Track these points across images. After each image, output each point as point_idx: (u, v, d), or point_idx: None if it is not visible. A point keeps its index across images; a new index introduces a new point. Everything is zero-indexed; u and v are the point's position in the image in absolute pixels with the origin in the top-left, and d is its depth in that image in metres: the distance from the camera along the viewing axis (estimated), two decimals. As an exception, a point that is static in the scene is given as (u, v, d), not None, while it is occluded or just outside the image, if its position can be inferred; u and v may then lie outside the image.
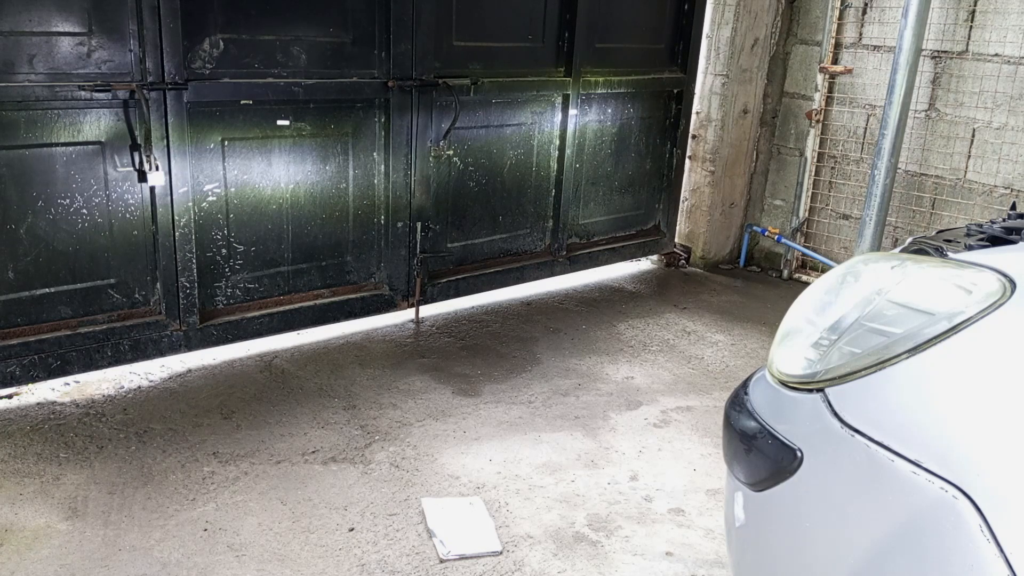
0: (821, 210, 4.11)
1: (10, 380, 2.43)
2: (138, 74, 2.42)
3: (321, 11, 2.73)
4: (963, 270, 0.98)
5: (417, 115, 3.00)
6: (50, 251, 2.42)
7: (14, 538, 1.94)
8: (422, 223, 3.13)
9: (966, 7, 3.48)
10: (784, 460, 1.03)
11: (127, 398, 2.62)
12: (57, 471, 2.21)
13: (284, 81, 2.69)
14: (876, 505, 0.90)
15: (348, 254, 3.04)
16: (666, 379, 2.97)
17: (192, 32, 2.49)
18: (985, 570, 0.79)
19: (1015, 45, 3.35)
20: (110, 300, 2.56)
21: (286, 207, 2.83)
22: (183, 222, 2.59)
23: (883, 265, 1.13)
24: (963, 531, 0.81)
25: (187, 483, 2.19)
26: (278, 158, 2.77)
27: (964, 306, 0.91)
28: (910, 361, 0.91)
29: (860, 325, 1.04)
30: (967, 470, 0.82)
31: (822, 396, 1.00)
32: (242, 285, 2.81)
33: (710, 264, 4.29)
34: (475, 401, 2.74)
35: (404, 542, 2.01)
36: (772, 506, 1.07)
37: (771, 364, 1.16)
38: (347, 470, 2.30)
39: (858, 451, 0.92)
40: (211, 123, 2.60)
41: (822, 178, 4.08)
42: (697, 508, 2.21)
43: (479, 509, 2.14)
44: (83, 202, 2.43)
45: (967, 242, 1.15)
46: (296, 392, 2.73)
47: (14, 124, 2.28)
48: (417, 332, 3.26)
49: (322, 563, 1.92)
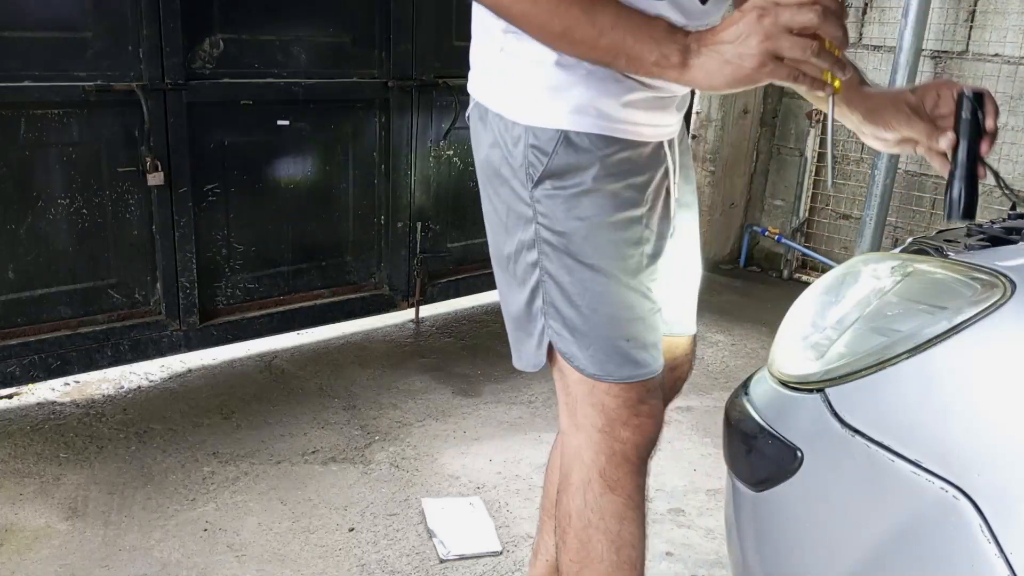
0: (821, 210, 4.11)
1: (10, 380, 2.43)
2: (138, 74, 2.42)
3: (321, 11, 2.73)
4: (963, 270, 0.98)
5: (417, 115, 3.00)
6: (50, 251, 2.42)
7: (14, 538, 1.94)
8: (422, 223, 3.13)
9: (966, 7, 3.48)
10: (784, 460, 1.03)
11: (127, 398, 2.62)
12: (57, 471, 2.21)
13: (284, 81, 2.69)
14: (876, 505, 0.90)
15: (348, 254, 3.04)
16: (666, 379, 2.97)
17: (192, 32, 2.49)
18: (985, 570, 0.79)
19: (1015, 45, 3.35)
20: (110, 300, 2.56)
21: (286, 207, 2.83)
22: (183, 222, 2.59)
23: (883, 265, 1.13)
24: (963, 531, 0.81)
25: (187, 483, 2.19)
26: (278, 158, 2.77)
27: (964, 306, 0.91)
28: (910, 361, 0.91)
29: (860, 325, 1.04)
30: (967, 470, 0.82)
31: (822, 396, 1.00)
32: (242, 285, 2.81)
33: (710, 264, 4.30)
34: (475, 401, 2.74)
35: (404, 542, 2.01)
36: (772, 506, 1.07)
37: (771, 364, 1.16)
38: (347, 470, 2.30)
39: (858, 451, 0.92)
40: (211, 123, 2.60)
41: (822, 178, 4.08)
42: (697, 508, 2.21)
43: (479, 509, 2.14)
44: (83, 202, 2.43)
45: (967, 242, 1.15)
46: (296, 392, 2.73)
47: (14, 124, 2.28)
48: (417, 332, 3.26)
49: (322, 563, 1.92)
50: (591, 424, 1.24)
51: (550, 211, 1.19)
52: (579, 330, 1.21)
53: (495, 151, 1.25)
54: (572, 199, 1.18)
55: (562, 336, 1.22)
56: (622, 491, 1.26)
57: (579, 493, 1.27)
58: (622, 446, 1.24)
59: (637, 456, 1.26)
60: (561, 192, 1.19)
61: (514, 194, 1.23)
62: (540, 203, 1.20)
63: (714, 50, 1.01)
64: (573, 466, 1.28)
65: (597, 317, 1.20)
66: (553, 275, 1.21)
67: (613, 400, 1.22)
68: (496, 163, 1.25)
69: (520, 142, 1.20)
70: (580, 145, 1.18)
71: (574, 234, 1.19)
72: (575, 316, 1.21)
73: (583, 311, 1.20)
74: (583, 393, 1.24)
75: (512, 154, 1.21)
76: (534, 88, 1.18)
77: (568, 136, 1.17)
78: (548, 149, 1.18)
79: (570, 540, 1.29)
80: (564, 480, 1.30)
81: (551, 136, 1.18)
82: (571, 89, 1.15)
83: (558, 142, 1.18)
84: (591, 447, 1.25)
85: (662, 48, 1.02)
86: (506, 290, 1.31)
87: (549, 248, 1.21)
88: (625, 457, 1.25)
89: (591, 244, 1.19)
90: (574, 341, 1.22)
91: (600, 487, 1.25)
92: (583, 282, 1.20)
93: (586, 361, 1.21)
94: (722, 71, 1.01)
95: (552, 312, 1.23)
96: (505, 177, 1.23)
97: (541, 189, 1.19)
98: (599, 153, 1.19)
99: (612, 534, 1.26)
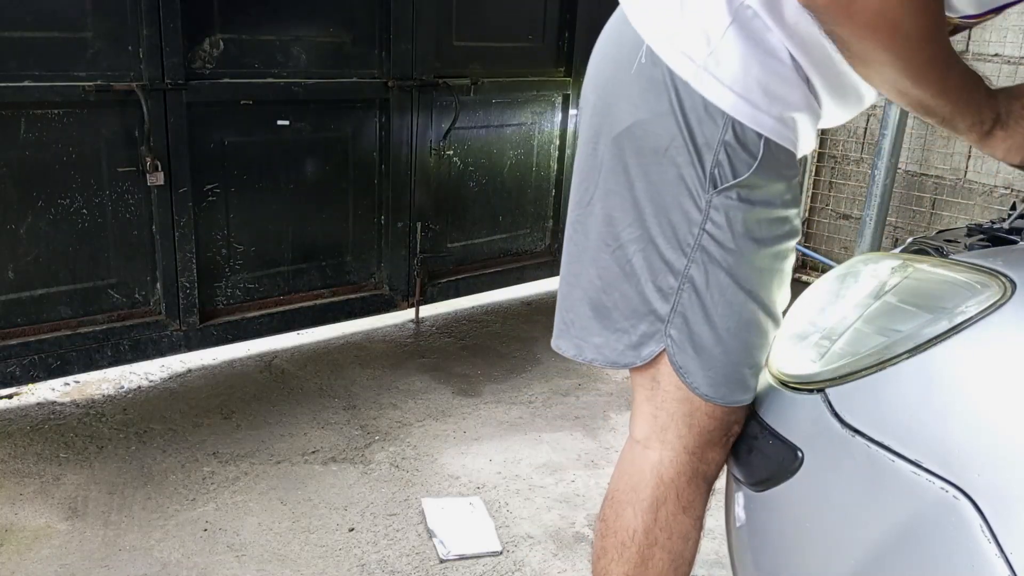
0: (821, 210, 4.11)
1: (10, 380, 2.43)
2: (138, 74, 2.42)
3: (321, 11, 2.73)
4: (963, 270, 0.98)
5: (417, 115, 3.00)
6: (50, 251, 2.41)
7: (14, 538, 1.94)
8: (422, 223, 3.13)
9: (966, 7, 3.48)
10: (784, 460, 1.03)
11: (127, 398, 2.62)
12: (57, 471, 2.21)
13: (284, 81, 2.69)
14: (877, 505, 0.90)
15: (348, 254, 3.04)
16: (666, 379, 2.97)
17: (192, 32, 2.49)
18: (985, 571, 0.79)
19: (1015, 45, 3.35)
20: (110, 300, 2.56)
21: (286, 207, 2.83)
22: (183, 222, 2.59)
23: (883, 265, 1.13)
24: (963, 531, 0.81)
25: (187, 483, 2.19)
26: (278, 158, 2.77)
27: (964, 306, 0.91)
28: (911, 361, 0.90)
29: (860, 325, 1.04)
30: (967, 470, 0.82)
31: (822, 396, 1.00)
32: (242, 285, 2.81)
33: (710, 264, 4.29)
34: (475, 401, 2.74)
35: (404, 542, 2.01)
36: (772, 506, 1.07)
37: (771, 364, 1.16)
38: (347, 470, 2.30)
39: (858, 451, 0.92)
40: (211, 123, 2.60)
41: (822, 178, 4.08)
42: (697, 508, 2.21)
43: (479, 509, 2.14)
44: (83, 202, 2.43)
45: (967, 242, 1.15)
46: (296, 392, 2.73)
47: (14, 124, 2.28)
48: (417, 332, 3.26)
49: (322, 563, 1.92)
50: (682, 445, 1.18)
51: (727, 223, 1.07)
52: (707, 350, 1.13)
53: (667, 123, 1.06)
54: (756, 217, 1.07)
55: (684, 350, 1.13)
56: (693, 512, 1.21)
57: (651, 511, 1.20)
58: (706, 468, 1.20)
59: (713, 477, 1.22)
60: (748, 206, 1.06)
61: (681, 185, 1.07)
62: (717, 210, 1.06)
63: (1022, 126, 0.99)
64: (649, 482, 1.20)
65: (734, 343, 1.12)
66: (699, 288, 1.10)
67: (713, 423, 1.16)
68: (663, 138, 1.07)
69: (716, 134, 1.04)
70: (779, 159, 1.07)
71: (744, 254, 1.08)
72: (708, 335, 1.12)
73: (720, 332, 1.12)
74: (682, 412, 1.16)
75: (696, 140, 1.05)
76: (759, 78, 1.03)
77: (770, 145, 1.05)
78: (754, 153, 1.05)
79: (630, 555, 1.22)
80: (632, 493, 1.22)
81: (755, 140, 1.04)
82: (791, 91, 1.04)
83: (762, 150, 1.05)
84: (675, 466, 1.19)
85: (981, 114, 1.00)
86: (601, 272, 1.17)
87: (707, 260, 1.09)
88: (706, 478, 1.21)
89: (757, 270, 1.10)
90: (696, 358, 1.13)
91: (675, 507, 1.20)
92: (732, 305, 1.11)
93: (703, 381, 1.13)
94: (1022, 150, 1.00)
95: (680, 324, 1.12)
96: (673, 159, 1.07)
97: (724, 196, 1.06)
98: (787, 172, 1.09)
99: (675, 554, 1.22)
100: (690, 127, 1.05)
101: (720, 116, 1.03)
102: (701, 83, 1.03)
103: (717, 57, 1.03)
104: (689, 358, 1.13)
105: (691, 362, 1.13)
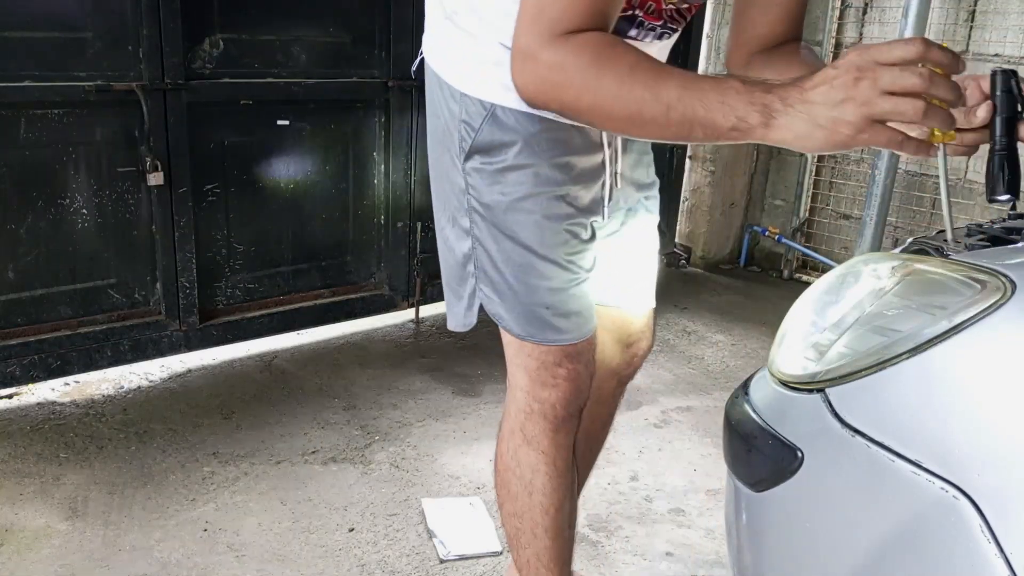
0: (821, 210, 4.11)
1: (10, 380, 2.43)
2: (138, 74, 2.42)
3: (321, 11, 2.73)
4: (963, 270, 0.98)
5: (417, 115, 3.00)
6: (50, 251, 2.42)
7: (14, 538, 1.94)
8: (422, 223, 3.13)
9: (966, 7, 3.48)
10: (784, 460, 1.03)
11: (127, 398, 2.62)
12: (57, 471, 2.21)
13: (284, 81, 2.69)
14: (877, 506, 0.90)
15: (348, 254, 3.04)
16: (666, 379, 2.97)
17: (192, 32, 2.49)
18: (985, 571, 0.78)
19: (1015, 45, 3.35)
20: (110, 300, 2.56)
21: (286, 207, 2.83)
22: (183, 222, 2.59)
23: (883, 265, 1.12)
24: (963, 532, 0.81)
25: (187, 483, 2.19)
26: (278, 158, 2.77)
27: (964, 306, 0.91)
28: (911, 361, 0.90)
29: (860, 325, 1.04)
30: (967, 470, 0.82)
31: (823, 396, 0.99)
32: (242, 285, 2.81)
33: (710, 264, 4.30)
34: (475, 401, 2.74)
35: (404, 542, 2.01)
36: (772, 506, 1.07)
37: (771, 364, 1.16)
38: (347, 470, 2.30)
39: (858, 452, 0.92)
40: (211, 123, 2.60)
41: (822, 178, 4.08)
42: (697, 508, 2.21)
43: (479, 509, 2.14)
44: (83, 202, 2.43)
45: (967, 242, 1.14)
46: (296, 392, 2.73)
47: (14, 124, 2.28)
48: (417, 332, 3.26)
49: (322, 563, 1.92)
50: (516, 383, 1.38)
51: (477, 184, 1.27)
52: (505, 295, 1.31)
53: (441, 110, 1.30)
54: (495, 175, 1.26)
55: (491, 299, 1.33)
56: (537, 446, 1.39)
57: (504, 440, 1.44)
58: (540, 405, 1.36)
59: (554, 416, 1.37)
60: (487, 167, 1.26)
61: (451, 161, 1.30)
62: (470, 176, 1.28)
63: (803, 111, 0.91)
64: (505, 416, 1.44)
65: (519, 285, 1.30)
66: (483, 242, 1.31)
67: (534, 362, 1.34)
68: (440, 123, 1.31)
69: (456, 116, 1.26)
70: (506, 122, 1.23)
71: (496, 207, 1.27)
72: (501, 281, 1.31)
73: (507, 278, 1.30)
74: (511, 354, 1.37)
75: (452, 119, 1.28)
76: (473, 59, 1.23)
77: (495, 112, 1.23)
78: (475, 124, 1.24)
79: (498, 477, 1.49)
80: (499, 426, 1.47)
81: (479, 112, 1.24)
82: (505, 65, 1.12)
83: (485, 119, 1.24)
84: (515, 403, 1.39)
85: (737, 111, 0.94)
86: (442, 252, 1.40)
87: (479, 218, 1.30)
88: (543, 415, 1.37)
89: (511, 217, 1.27)
90: (501, 304, 1.32)
91: (520, 439, 1.40)
92: (505, 252, 1.29)
93: (512, 322, 1.32)
94: (813, 135, 0.92)
95: (483, 276, 1.32)
96: (447, 141, 1.30)
97: (471, 163, 1.27)
98: (523, 132, 1.24)
99: (525, 480, 1.42)
100: (450, 109, 1.28)
101: (457, 93, 1.26)
102: (440, 69, 1.29)
103: (442, 45, 1.28)
104: (497, 304, 1.33)
105: (499, 308, 1.33)
